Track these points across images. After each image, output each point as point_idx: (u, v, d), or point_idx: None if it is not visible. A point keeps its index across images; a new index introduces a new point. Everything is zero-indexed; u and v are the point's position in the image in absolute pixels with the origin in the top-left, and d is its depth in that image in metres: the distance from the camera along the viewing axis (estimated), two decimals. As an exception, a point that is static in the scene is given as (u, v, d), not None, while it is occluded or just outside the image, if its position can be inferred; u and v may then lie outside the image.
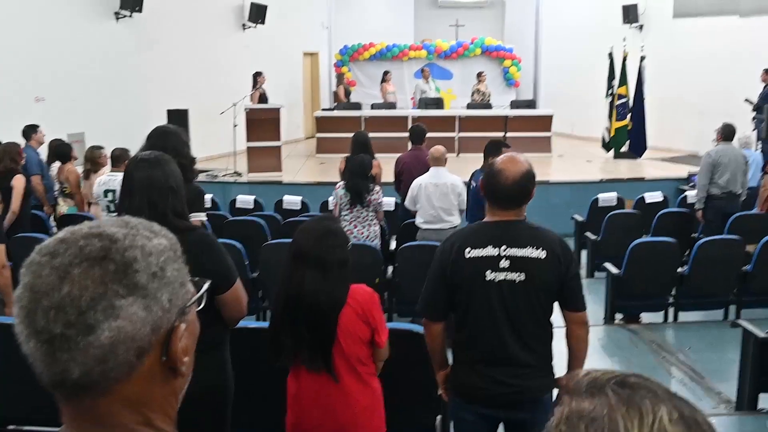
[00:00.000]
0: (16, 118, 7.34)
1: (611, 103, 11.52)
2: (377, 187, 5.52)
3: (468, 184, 5.20)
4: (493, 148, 4.99)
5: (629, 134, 11.35)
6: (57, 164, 6.87)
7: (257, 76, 10.97)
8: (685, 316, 5.45)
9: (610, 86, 11.57)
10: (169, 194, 2.28)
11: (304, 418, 2.41)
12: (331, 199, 5.94)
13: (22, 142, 6.67)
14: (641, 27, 12.93)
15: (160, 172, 2.29)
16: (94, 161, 6.34)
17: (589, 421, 0.66)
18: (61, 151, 6.88)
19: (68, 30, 9.16)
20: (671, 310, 5.43)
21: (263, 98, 10.82)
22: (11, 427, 3.29)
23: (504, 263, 2.34)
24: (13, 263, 3.86)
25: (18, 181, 5.62)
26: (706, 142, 8.63)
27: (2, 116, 7.64)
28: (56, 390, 0.78)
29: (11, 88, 8.21)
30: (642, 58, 11.02)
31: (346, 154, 6.28)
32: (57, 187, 6.87)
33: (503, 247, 2.35)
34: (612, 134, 11.58)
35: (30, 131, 7.13)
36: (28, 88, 8.51)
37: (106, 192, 4.96)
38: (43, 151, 7.23)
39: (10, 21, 8.27)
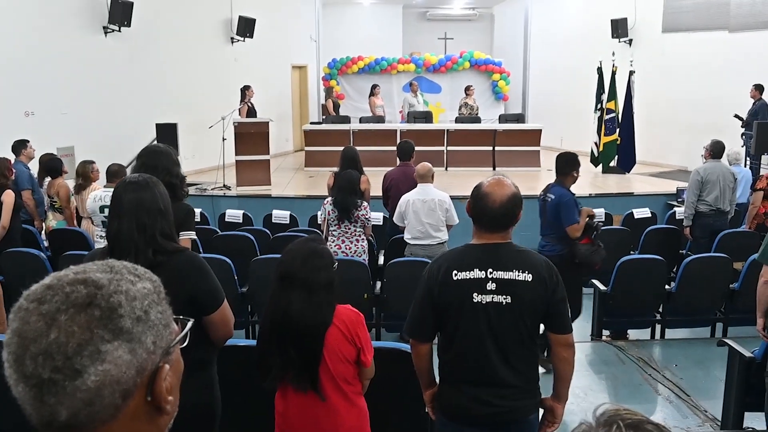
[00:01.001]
0: (5, 133, 7.32)
1: (600, 118, 11.57)
2: (365, 203, 5.55)
3: (543, 198, 5.08)
4: (565, 161, 5.06)
5: (618, 149, 11.41)
6: (48, 179, 6.86)
7: (246, 89, 11.00)
8: (672, 333, 5.48)
9: (599, 101, 11.63)
10: (158, 216, 2.30)
11: (292, 436, 2.42)
12: (319, 213, 5.95)
13: (12, 157, 6.65)
14: (630, 41, 13.06)
15: (149, 194, 2.31)
16: (86, 176, 6.33)
17: None
18: (51, 165, 6.87)
19: (57, 44, 9.15)
20: (658, 327, 5.46)
21: (252, 112, 10.84)
22: None
23: (491, 286, 2.37)
24: (4, 278, 3.85)
25: (7, 197, 5.62)
26: (695, 157, 8.72)
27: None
28: (45, 430, 0.80)
29: (0, 103, 8.18)
30: (631, 73, 11.11)
31: (334, 168, 6.31)
32: (47, 201, 6.85)
33: (489, 270, 2.37)
34: (601, 149, 11.63)
35: (20, 146, 7.11)
36: (17, 102, 8.48)
37: (102, 208, 4.96)
38: (34, 166, 7.20)
39: (-1, 35, 8.26)
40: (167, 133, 9.67)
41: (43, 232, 6.79)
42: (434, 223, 5.51)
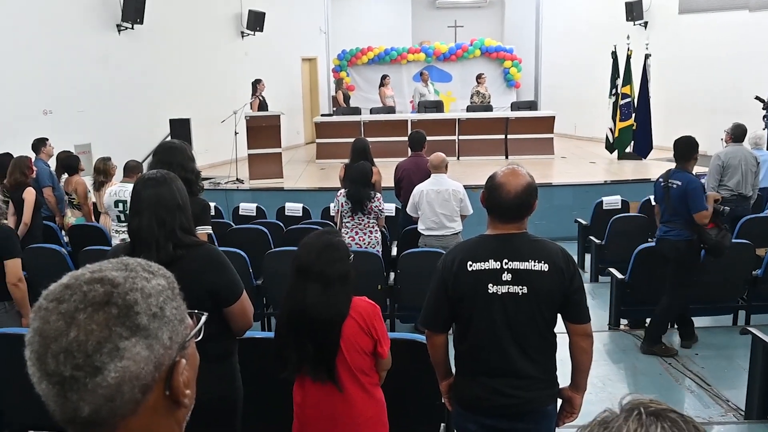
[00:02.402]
0: (25, 132, 7.40)
1: (615, 103, 11.42)
2: (378, 194, 5.54)
3: (665, 184, 4.91)
4: (686, 146, 4.97)
5: (634, 134, 11.24)
6: (65, 176, 6.93)
7: (257, 83, 11.02)
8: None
9: (613, 85, 11.47)
10: (177, 211, 2.33)
11: (309, 427, 2.45)
12: (332, 206, 5.95)
13: (32, 155, 6.73)
14: (646, 24, 12.86)
15: (167, 190, 2.34)
16: (106, 172, 6.40)
17: (603, 428, 0.77)
18: (68, 163, 6.95)
19: (72, 43, 9.23)
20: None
21: (263, 105, 10.86)
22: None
23: (506, 276, 2.35)
24: (27, 273, 3.91)
25: (29, 194, 5.70)
26: (715, 142, 8.57)
27: (12, 130, 7.71)
28: (68, 426, 0.82)
29: (20, 103, 8.29)
30: (647, 56, 10.88)
31: (346, 160, 6.30)
32: (66, 198, 6.93)
33: (505, 261, 2.36)
34: (616, 135, 11.48)
35: (39, 144, 7.20)
36: (35, 102, 8.60)
37: (116, 202, 5.01)
38: (53, 163, 7.29)
39: (16, 36, 8.33)
40: (180, 128, 9.73)
41: (62, 228, 6.87)
42: (448, 214, 5.49)
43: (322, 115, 13.58)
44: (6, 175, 5.85)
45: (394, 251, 6.09)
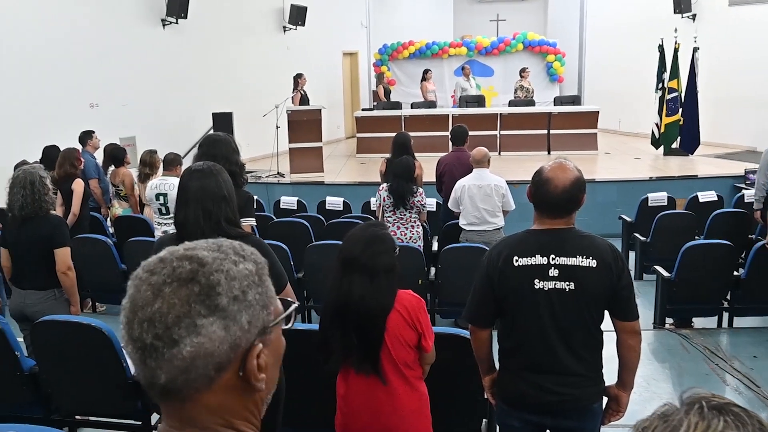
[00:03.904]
0: (72, 124, 7.59)
1: (661, 98, 11.13)
2: (420, 189, 5.52)
3: None
4: None
5: (681, 130, 10.93)
6: (111, 168, 7.09)
7: (298, 77, 11.08)
8: (740, 322, 5.25)
9: (660, 80, 11.18)
10: (222, 203, 2.35)
11: (352, 419, 2.46)
12: (373, 200, 5.96)
13: (79, 147, 6.90)
14: (694, 17, 12.50)
15: (213, 181, 2.36)
16: (152, 165, 6.52)
17: (664, 422, 0.75)
18: (115, 154, 7.13)
19: (118, 38, 9.44)
20: (725, 315, 5.25)
21: (304, 100, 10.92)
22: (78, 417, 3.46)
23: (553, 272, 2.32)
24: (74, 263, 4.02)
25: (78, 185, 5.85)
26: (766, 137, 8.31)
27: (60, 123, 7.91)
28: (149, 391, 0.87)
29: (68, 96, 8.52)
30: (695, 50, 10.56)
31: (386, 155, 6.29)
32: (112, 189, 7.09)
33: (552, 256, 2.33)
34: (662, 130, 11.19)
35: (86, 137, 7.38)
36: (83, 95, 8.82)
37: (157, 195, 5.10)
38: (99, 156, 7.46)
39: (65, 32, 8.55)
40: (223, 121, 9.86)
41: (108, 219, 7.03)
42: (490, 209, 5.44)
43: (363, 110, 13.59)
44: (55, 167, 6.02)
45: (435, 246, 6.07)
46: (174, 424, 0.89)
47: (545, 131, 11.80)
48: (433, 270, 5.34)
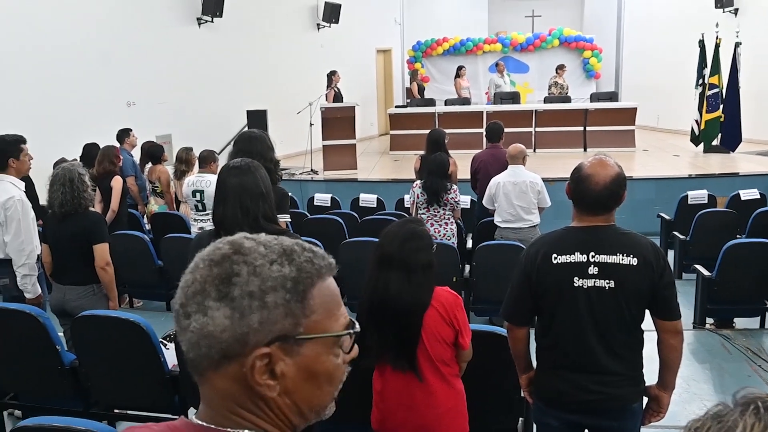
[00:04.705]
0: (110, 123, 7.74)
1: (702, 94, 10.89)
2: (454, 186, 5.48)
3: None
4: None
5: (721, 126, 10.68)
6: (148, 165, 7.20)
7: (332, 75, 11.12)
8: (784, 323, 5.12)
9: (700, 75, 10.95)
10: (260, 199, 2.36)
11: (389, 415, 2.46)
12: (407, 197, 5.94)
13: (116, 145, 7.02)
14: (736, 11, 12.18)
15: (251, 178, 2.37)
16: (189, 162, 6.60)
17: (717, 423, 0.73)
18: (152, 152, 7.23)
19: (155, 37, 9.59)
20: (768, 315, 5.12)
21: (338, 97, 10.96)
22: (116, 410, 3.52)
23: (593, 270, 2.28)
24: (112, 259, 4.08)
25: (116, 182, 5.96)
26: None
27: (98, 121, 8.07)
28: (188, 364, 0.91)
29: (105, 95, 8.69)
30: (737, 45, 10.29)
31: (420, 152, 6.27)
32: (148, 186, 7.20)
33: (591, 254, 2.29)
34: (702, 127, 10.94)
35: (123, 135, 7.51)
36: (120, 94, 8.99)
37: (194, 192, 5.16)
38: (136, 153, 7.59)
39: (102, 31, 8.72)
40: (257, 119, 9.95)
41: (145, 215, 7.15)
42: (525, 206, 5.39)
43: (396, 107, 13.58)
44: (93, 164, 6.13)
45: (469, 243, 6.03)
46: (203, 403, 0.93)
47: (581, 128, 11.64)
48: (467, 267, 5.30)
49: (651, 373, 2.45)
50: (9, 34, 7.48)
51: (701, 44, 10.86)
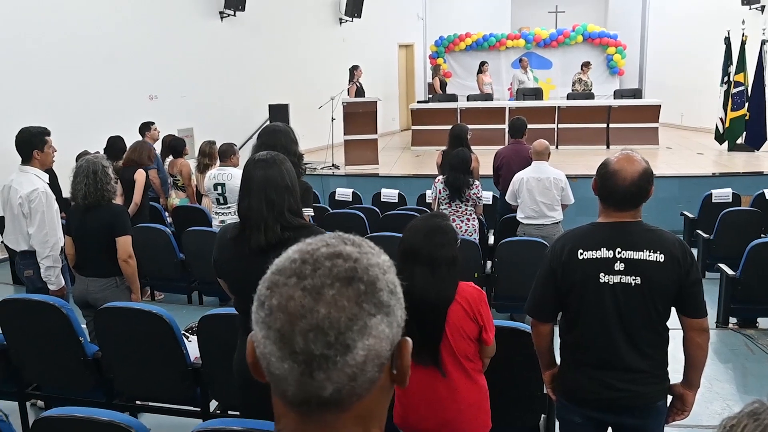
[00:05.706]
0: (133, 116, 7.82)
1: (727, 92, 10.76)
2: (477, 182, 5.47)
3: None
4: None
5: (746, 125, 10.56)
6: (170, 158, 7.26)
7: (354, 69, 11.12)
8: (810, 323, 5.05)
9: (726, 73, 10.81)
10: (285, 193, 2.35)
11: (412, 410, 2.45)
12: (429, 192, 5.93)
13: (138, 137, 7.08)
14: (762, 8, 11.99)
15: (277, 171, 2.36)
16: (212, 155, 6.64)
17: (754, 420, 0.73)
18: (174, 145, 7.30)
19: (177, 30, 9.66)
20: (794, 316, 5.05)
21: (360, 92, 10.96)
22: (138, 402, 3.55)
23: (619, 266, 2.26)
24: (134, 252, 4.12)
25: (140, 176, 6.05)
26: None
27: (121, 114, 8.16)
28: (301, 407, 0.79)
29: (128, 88, 8.76)
30: (763, 42, 10.18)
31: (441, 147, 6.25)
32: (170, 180, 7.26)
33: (618, 250, 2.27)
34: (727, 125, 10.81)
35: (145, 128, 7.58)
36: (142, 87, 9.06)
37: (215, 185, 5.19)
38: (157, 147, 7.65)
39: (124, 24, 8.80)
40: (279, 113, 9.98)
41: (166, 209, 7.21)
42: (549, 202, 5.36)
43: (418, 102, 13.57)
44: (117, 156, 6.21)
45: (491, 239, 6.01)
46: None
47: (604, 125, 11.54)
48: (489, 263, 5.29)
49: (674, 372, 2.43)
50: (33, 26, 7.56)
51: (727, 41, 10.71)
